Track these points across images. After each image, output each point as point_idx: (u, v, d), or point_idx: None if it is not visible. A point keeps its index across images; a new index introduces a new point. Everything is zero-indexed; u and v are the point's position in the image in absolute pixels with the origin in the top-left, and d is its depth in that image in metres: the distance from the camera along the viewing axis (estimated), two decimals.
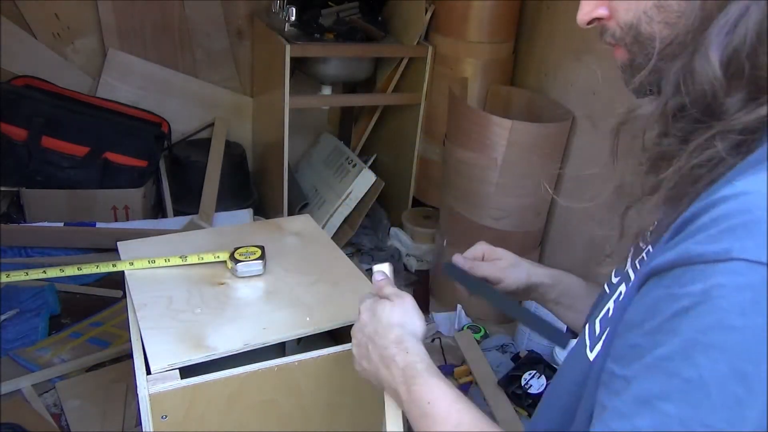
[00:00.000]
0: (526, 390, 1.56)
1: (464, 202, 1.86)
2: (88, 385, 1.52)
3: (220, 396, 0.85)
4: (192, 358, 0.84)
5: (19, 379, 1.50)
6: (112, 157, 2.10)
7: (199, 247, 1.10)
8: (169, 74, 2.32)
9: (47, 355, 1.60)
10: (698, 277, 0.42)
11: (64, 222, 2.02)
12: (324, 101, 2.28)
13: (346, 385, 0.94)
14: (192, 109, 2.39)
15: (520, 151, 1.72)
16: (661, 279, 0.45)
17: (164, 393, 0.81)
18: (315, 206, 2.32)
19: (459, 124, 1.82)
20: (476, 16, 1.95)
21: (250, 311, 0.96)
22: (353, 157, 2.31)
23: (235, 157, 2.31)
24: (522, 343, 1.80)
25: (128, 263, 1.04)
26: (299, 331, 0.93)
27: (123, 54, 2.24)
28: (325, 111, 2.56)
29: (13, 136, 2.00)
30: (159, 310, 0.94)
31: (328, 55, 2.09)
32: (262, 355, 0.88)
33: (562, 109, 1.84)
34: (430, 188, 2.25)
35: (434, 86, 2.12)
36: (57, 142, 2.03)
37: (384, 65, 2.26)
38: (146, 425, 0.83)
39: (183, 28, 2.29)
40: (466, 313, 1.94)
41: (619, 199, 0.58)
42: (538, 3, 1.97)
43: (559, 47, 1.89)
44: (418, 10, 2.07)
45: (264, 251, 1.06)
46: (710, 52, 0.46)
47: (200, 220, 1.99)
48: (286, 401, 0.91)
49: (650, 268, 0.46)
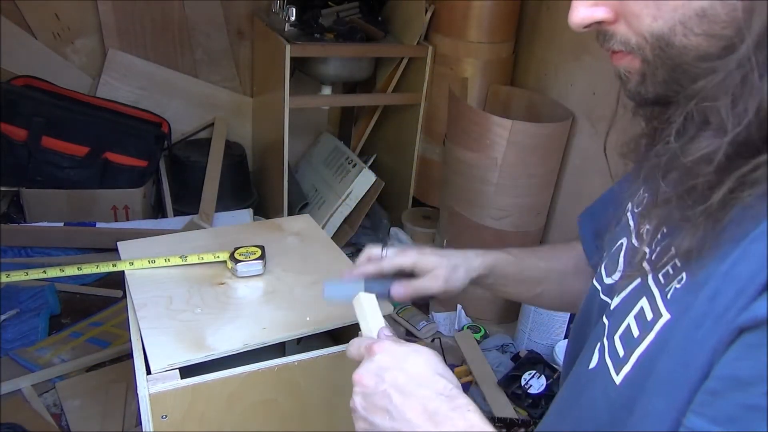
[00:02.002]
0: (526, 390, 1.56)
1: (464, 202, 1.86)
2: (88, 385, 1.52)
3: (220, 396, 0.85)
4: (192, 358, 0.84)
5: (19, 379, 1.50)
6: (112, 157, 2.10)
7: (199, 247, 1.10)
8: (169, 74, 2.32)
9: (47, 355, 1.60)
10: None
11: (64, 222, 2.02)
12: (324, 101, 2.28)
13: (346, 385, 0.94)
14: (192, 109, 2.39)
15: (520, 151, 1.72)
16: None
17: (164, 393, 0.81)
18: (315, 206, 2.32)
19: (459, 124, 1.82)
20: (476, 16, 1.95)
21: (250, 311, 0.96)
22: (353, 157, 2.31)
23: (235, 157, 2.31)
24: (522, 343, 1.80)
25: (128, 263, 1.04)
26: (299, 331, 0.93)
27: (123, 54, 2.24)
28: (325, 111, 2.56)
29: (13, 136, 2.00)
30: (159, 310, 0.94)
31: (328, 55, 2.09)
32: (262, 355, 0.88)
33: (562, 109, 1.84)
34: (430, 188, 2.25)
35: (434, 86, 2.12)
36: (57, 142, 2.03)
37: (384, 65, 2.26)
38: (146, 425, 0.83)
39: (183, 28, 2.29)
40: (466, 313, 1.94)
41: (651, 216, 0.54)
42: (538, 3, 1.97)
43: (559, 47, 1.89)
44: (418, 10, 2.07)
45: (264, 251, 1.06)
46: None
47: (200, 220, 1.99)
48: (286, 401, 0.91)
49: (750, 320, 0.42)
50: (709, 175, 0.45)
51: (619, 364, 0.53)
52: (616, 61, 0.53)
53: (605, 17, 0.50)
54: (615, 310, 0.59)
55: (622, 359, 0.53)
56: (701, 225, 0.47)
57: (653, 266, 0.54)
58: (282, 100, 2.01)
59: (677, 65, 0.47)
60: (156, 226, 2.06)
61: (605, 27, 0.51)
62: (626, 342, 0.53)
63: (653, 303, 0.52)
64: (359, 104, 2.46)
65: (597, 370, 0.56)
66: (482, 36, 1.98)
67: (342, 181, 2.27)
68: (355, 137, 2.47)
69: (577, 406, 0.59)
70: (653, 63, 0.49)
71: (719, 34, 0.44)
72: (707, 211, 0.46)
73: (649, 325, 0.51)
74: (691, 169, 0.46)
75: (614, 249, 0.66)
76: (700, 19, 0.45)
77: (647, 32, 0.48)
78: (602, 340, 0.57)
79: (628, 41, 0.50)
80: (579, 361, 0.63)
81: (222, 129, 2.36)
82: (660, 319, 0.50)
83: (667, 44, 0.47)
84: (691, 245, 0.47)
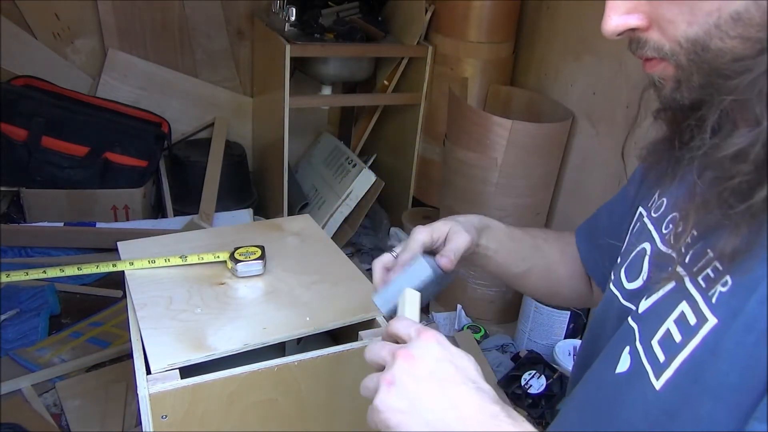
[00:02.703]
0: (526, 390, 1.56)
1: (464, 202, 1.86)
2: (88, 385, 1.52)
3: (220, 396, 0.85)
4: (192, 358, 0.84)
5: (19, 379, 1.50)
6: (112, 157, 2.10)
7: (199, 247, 1.10)
8: (169, 74, 2.32)
9: (47, 355, 1.60)
10: None
11: (64, 222, 2.02)
12: (324, 101, 2.28)
13: (346, 385, 0.94)
14: (192, 109, 2.39)
15: (520, 151, 1.72)
16: None
17: (164, 393, 0.81)
18: (315, 206, 2.32)
19: (459, 124, 1.82)
20: (476, 16, 1.95)
21: (250, 311, 0.96)
22: (353, 157, 2.31)
23: (235, 157, 2.31)
24: (522, 343, 1.80)
25: (128, 263, 1.04)
26: (299, 331, 0.93)
27: (123, 54, 2.24)
28: (325, 111, 2.56)
29: (13, 136, 2.00)
30: (159, 310, 0.94)
31: (328, 55, 2.09)
32: (262, 355, 0.88)
33: (562, 109, 1.84)
34: (430, 188, 2.25)
35: (434, 86, 2.12)
36: (57, 142, 2.03)
37: (384, 65, 2.26)
38: (146, 425, 0.83)
39: (183, 28, 2.29)
40: (466, 313, 1.94)
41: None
42: (538, 3, 1.97)
43: (559, 47, 1.89)
44: (418, 10, 2.07)
45: (264, 251, 1.06)
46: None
47: (200, 220, 1.99)
48: (286, 401, 0.91)
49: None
50: (749, 174, 0.45)
51: (660, 369, 0.52)
52: (650, 69, 0.52)
53: (639, 24, 0.50)
54: (646, 313, 0.57)
55: (663, 364, 0.52)
56: (744, 225, 0.46)
57: (689, 270, 0.53)
58: (282, 100, 2.01)
59: (713, 69, 0.47)
60: (156, 226, 2.06)
61: (638, 34, 0.51)
62: (667, 347, 0.52)
63: (695, 307, 0.51)
64: (359, 104, 2.46)
65: (630, 375, 0.55)
66: (482, 36, 1.98)
67: (342, 181, 2.27)
68: (355, 137, 2.47)
69: (607, 409, 0.58)
70: (688, 68, 0.49)
71: (755, 36, 0.44)
72: (750, 211, 0.45)
73: (692, 329, 0.50)
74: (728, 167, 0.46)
75: (634, 255, 0.65)
76: (735, 22, 0.45)
77: (682, 38, 0.48)
78: (634, 344, 0.56)
79: (662, 48, 0.49)
80: (599, 364, 0.62)
81: (222, 129, 2.36)
82: (705, 323, 0.49)
83: (702, 48, 0.47)
84: (735, 246, 0.47)
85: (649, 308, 0.58)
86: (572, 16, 1.83)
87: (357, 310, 0.96)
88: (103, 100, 2.21)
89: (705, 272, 0.52)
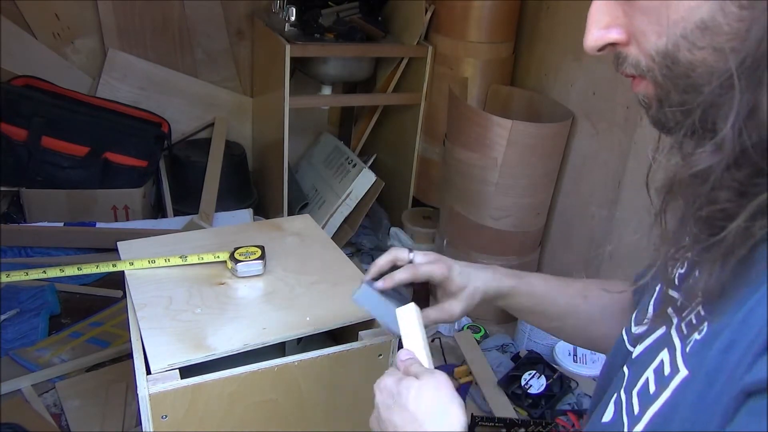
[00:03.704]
0: (526, 390, 1.56)
1: (464, 202, 1.86)
2: (88, 385, 1.52)
3: (220, 396, 0.85)
4: (192, 358, 0.84)
5: (19, 379, 1.50)
6: (112, 157, 2.10)
7: (199, 247, 1.10)
8: (169, 74, 2.32)
9: (47, 355, 1.60)
10: None
11: (64, 222, 2.02)
12: (324, 101, 2.28)
13: (346, 385, 0.94)
14: (192, 109, 2.39)
15: (520, 151, 1.72)
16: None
17: (164, 393, 0.81)
18: (315, 206, 2.32)
19: (459, 124, 1.82)
20: (476, 16, 1.95)
21: (250, 311, 0.96)
22: (353, 157, 2.31)
23: (235, 157, 2.31)
24: (522, 343, 1.80)
25: (128, 263, 1.04)
26: (299, 331, 0.93)
27: (123, 54, 2.24)
28: (325, 111, 2.56)
29: (13, 136, 2.00)
30: (159, 310, 0.94)
31: (328, 55, 2.09)
32: (262, 355, 0.88)
33: (562, 109, 1.84)
34: (430, 188, 2.25)
35: (434, 86, 2.12)
36: (57, 142, 2.03)
37: (384, 65, 2.26)
38: (146, 425, 0.83)
39: (183, 28, 2.29)
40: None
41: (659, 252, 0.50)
42: (538, 3, 1.97)
43: (559, 47, 1.89)
44: (418, 10, 2.07)
45: (264, 251, 1.06)
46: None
47: (200, 220, 1.99)
48: (286, 401, 0.91)
49: (753, 383, 0.38)
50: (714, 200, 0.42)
51: (634, 421, 0.49)
52: (634, 88, 0.50)
53: (618, 38, 0.47)
54: (636, 360, 0.55)
55: (637, 416, 0.49)
56: (718, 260, 0.42)
57: (679, 314, 0.50)
58: (282, 100, 2.01)
59: (688, 85, 0.44)
60: (156, 226, 2.06)
61: (619, 49, 0.48)
62: (642, 398, 0.49)
63: (673, 356, 0.48)
64: (359, 104, 2.46)
65: (611, 425, 0.53)
66: (482, 36, 1.98)
67: (342, 181, 2.27)
68: (355, 137, 2.47)
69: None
70: (665, 86, 0.46)
71: (727, 46, 0.41)
72: (724, 243, 0.42)
73: (665, 380, 0.47)
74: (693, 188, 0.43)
75: (646, 297, 0.62)
76: (702, 31, 0.42)
77: (653, 51, 0.45)
78: (619, 392, 0.54)
79: (639, 63, 0.47)
80: (597, 411, 0.60)
81: (222, 129, 2.36)
82: (677, 375, 0.46)
83: (672, 62, 0.44)
84: (707, 285, 0.43)
85: (639, 354, 0.55)
86: (572, 16, 1.83)
87: (357, 310, 0.96)
88: (103, 100, 2.21)
89: (689, 317, 0.49)
